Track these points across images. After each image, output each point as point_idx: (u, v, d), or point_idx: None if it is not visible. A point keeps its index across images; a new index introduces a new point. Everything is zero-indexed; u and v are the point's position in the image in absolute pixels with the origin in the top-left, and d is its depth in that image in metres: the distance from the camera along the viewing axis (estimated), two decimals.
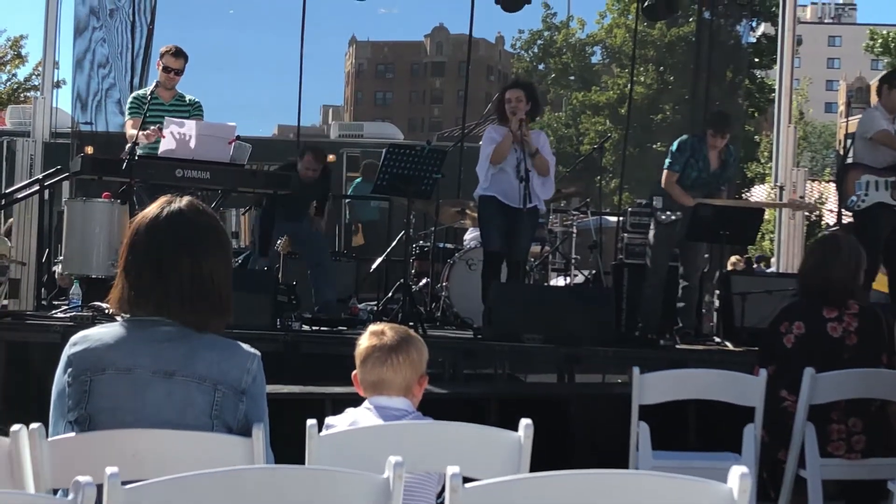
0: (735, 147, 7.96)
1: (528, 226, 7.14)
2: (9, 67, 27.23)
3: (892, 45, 30.70)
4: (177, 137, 6.90)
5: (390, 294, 8.61)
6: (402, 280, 7.62)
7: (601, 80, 36.73)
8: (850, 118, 38.24)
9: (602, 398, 6.54)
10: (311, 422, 2.70)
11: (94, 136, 9.36)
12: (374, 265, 9.63)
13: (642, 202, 8.85)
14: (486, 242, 7.49)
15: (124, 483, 2.04)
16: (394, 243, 9.51)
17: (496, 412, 6.01)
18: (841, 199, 7.84)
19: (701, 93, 12.64)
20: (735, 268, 12.69)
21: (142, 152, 7.10)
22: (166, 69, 7.45)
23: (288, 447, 2.71)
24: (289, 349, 6.58)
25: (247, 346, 2.65)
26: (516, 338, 6.75)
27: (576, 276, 9.50)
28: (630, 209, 8.97)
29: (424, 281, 8.84)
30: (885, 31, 32.32)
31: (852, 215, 7.53)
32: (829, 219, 21.63)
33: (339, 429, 2.99)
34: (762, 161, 30.05)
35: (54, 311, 6.97)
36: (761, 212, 8.35)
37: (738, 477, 2.07)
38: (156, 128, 7.08)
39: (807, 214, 9.99)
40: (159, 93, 7.38)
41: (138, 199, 6.79)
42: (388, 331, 3.14)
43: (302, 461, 2.62)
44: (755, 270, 14.50)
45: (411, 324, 6.69)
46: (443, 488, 2.68)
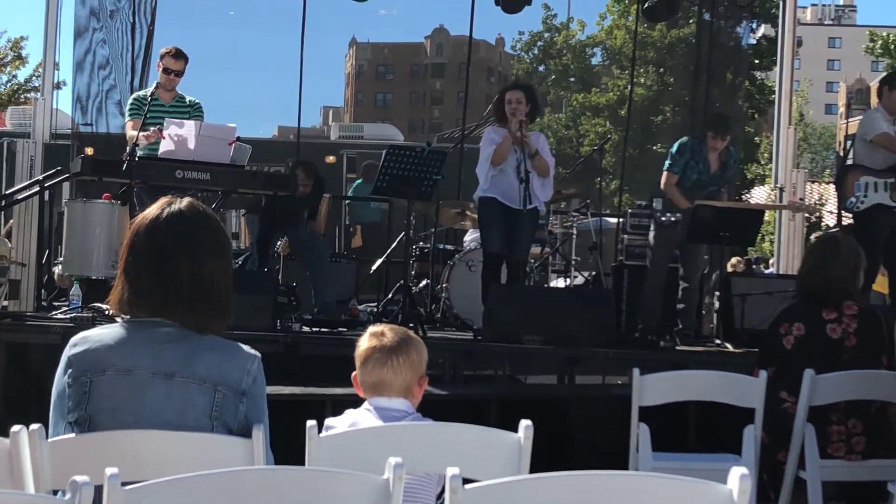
0: (735, 148, 7.96)
1: (528, 227, 7.14)
2: (9, 69, 27.26)
3: (892, 46, 30.70)
4: (177, 138, 6.91)
5: (390, 295, 8.61)
6: (402, 281, 7.62)
7: (601, 81, 36.74)
8: (850, 120, 38.24)
9: (602, 399, 6.54)
10: (311, 423, 2.70)
11: (95, 138, 9.37)
12: (374, 266, 9.62)
13: (642, 204, 8.86)
14: (485, 244, 7.49)
15: (124, 484, 2.04)
16: (394, 244, 9.51)
17: (496, 413, 6.01)
18: (840, 201, 7.84)
19: (701, 94, 12.64)
20: (735, 269, 12.69)
21: (142, 153, 7.10)
22: (166, 70, 7.45)
23: (288, 448, 2.71)
24: (289, 350, 6.58)
25: (247, 348, 2.65)
26: (516, 339, 6.75)
27: (576, 277, 9.50)
28: (630, 210, 8.98)
29: (424, 282, 8.84)
30: (884, 33, 32.32)
31: (852, 217, 7.54)
32: (829, 220, 21.63)
33: (338, 430, 3.00)
34: (762, 162, 30.06)
35: (54, 313, 6.97)
36: (761, 213, 8.36)
37: (738, 478, 2.07)
38: (156, 129, 7.08)
39: (807, 216, 9.99)
40: (159, 94, 7.38)
41: (138, 201, 6.79)
42: (388, 332, 3.14)
43: (302, 462, 2.63)
44: (754, 271, 14.50)
45: (411, 325, 6.69)
46: (443, 489, 2.68)
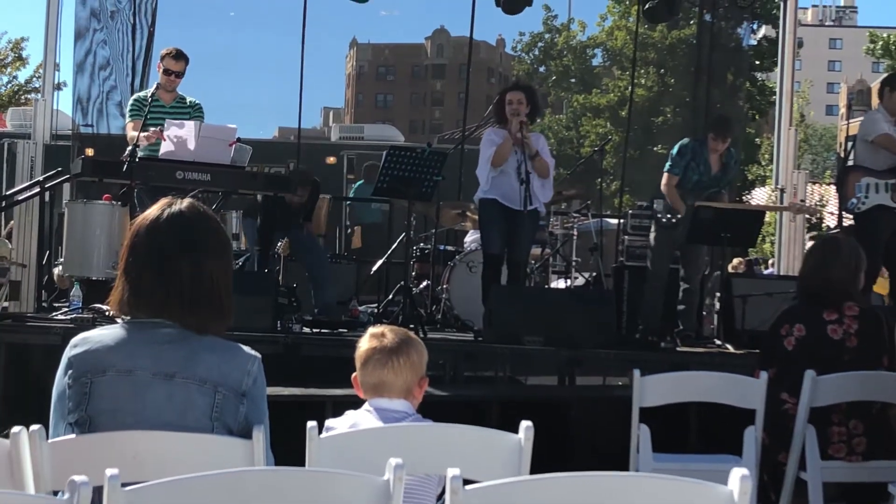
0: (736, 149, 7.96)
1: (528, 228, 7.14)
2: (9, 69, 27.30)
3: (892, 47, 30.68)
4: (177, 139, 6.91)
5: (391, 296, 8.61)
6: (403, 282, 7.62)
7: (602, 82, 36.75)
8: (851, 121, 38.22)
9: (602, 400, 6.54)
10: (312, 424, 2.70)
11: (95, 139, 9.36)
12: (375, 267, 9.62)
13: (643, 205, 8.85)
14: (486, 245, 7.49)
15: (124, 485, 2.04)
16: (394, 245, 9.51)
17: (497, 414, 6.00)
18: (841, 202, 7.84)
19: (702, 95, 12.65)
20: (736, 270, 12.69)
21: (142, 154, 7.10)
22: (167, 71, 7.45)
23: (288, 449, 2.70)
24: (289, 351, 6.58)
25: (247, 349, 2.65)
26: (517, 340, 6.75)
27: (576, 278, 9.49)
28: (631, 211, 8.97)
29: (425, 283, 8.84)
30: (885, 34, 32.31)
31: (853, 218, 7.54)
32: (830, 221, 21.62)
33: (339, 431, 2.99)
34: (763, 163, 30.06)
35: (55, 313, 6.97)
36: (762, 214, 8.35)
37: (739, 479, 2.07)
38: (156, 130, 7.08)
39: (807, 217, 9.98)
40: (160, 95, 7.38)
41: (139, 201, 6.79)
42: (389, 333, 3.14)
43: (302, 463, 2.62)
44: (755, 272, 14.49)
45: (412, 326, 6.69)
46: (443, 490, 2.68)
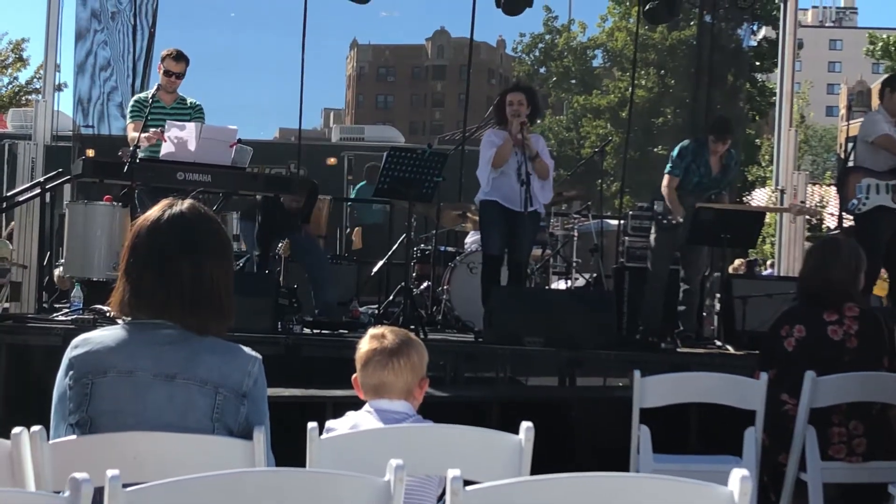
0: (736, 150, 7.97)
1: (529, 229, 7.14)
2: (10, 70, 27.31)
3: (892, 48, 30.68)
4: (178, 140, 6.91)
5: (391, 297, 8.61)
6: (403, 283, 7.62)
7: (602, 83, 36.77)
8: (851, 122, 38.25)
9: (603, 401, 6.54)
10: (312, 425, 2.70)
11: (96, 140, 9.36)
12: (376, 268, 9.62)
13: (643, 206, 8.86)
14: (485, 246, 7.49)
15: (125, 485, 2.04)
16: (395, 246, 9.51)
17: (497, 415, 6.00)
18: (842, 203, 7.84)
19: (702, 96, 12.64)
20: (737, 272, 12.68)
21: (143, 155, 7.11)
22: (167, 73, 7.45)
23: (289, 450, 2.71)
24: (290, 352, 6.58)
25: (248, 350, 2.65)
26: (517, 341, 6.75)
27: (577, 279, 9.50)
28: (631, 213, 8.98)
29: (425, 284, 8.84)
30: (885, 35, 32.32)
31: (853, 219, 7.54)
32: (831, 222, 21.62)
33: (339, 432, 3.00)
34: (763, 164, 30.07)
35: (55, 314, 6.98)
36: (762, 215, 8.35)
37: (739, 480, 2.07)
38: (157, 131, 7.09)
39: (808, 218, 9.98)
40: (160, 96, 7.38)
41: (139, 202, 6.80)
42: (389, 334, 3.14)
43: (303, 464, 2.63)
44: (755, 273, 14.48)
45: (412, 327, 6.70)
46: (443, 491, 2.68)
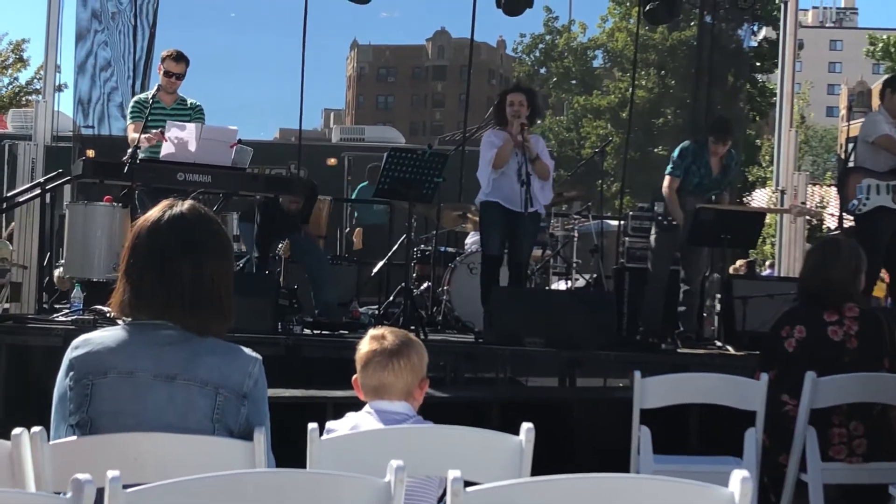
0: (736, 151, 7.97)
1: (529, 229, 7.15)
2: (10, 71, 27.30)
3: (892, 49, 30.69)
4: (178, 141, 6.91)
5: (391, 298, 8.61)
6: (404, 284, 7.62)
7: (603, 84, 36.79)
8: (852, 122, 38.24)
9: (603, 402, 6.53)
10: (313, 426, 2.70)
11: (96, 140, 9.37)
12: (376, 269, 9.62)
13: (643, 206, 8.86)
14: (485, 247, 7.49)
15: (126, 486, 2.04)
16: (395, 247, 9.51)
17: (497, 416, 6.00)
18: (842, 203, 7.84)
19: (702, 97, 12.65)
20: (738, 272, 12.69)
21: (143, 156, 7.11)
22: (167, 73, 7.45)
23: (289, 451, 2.71)
24: (290, 353, 6.58)
25: (248, 350, 2.65)
26: (517, 341, 6.75)
27: (577, 279, 9.50)
28: (631, 213, 8.98)
29: (426, 285, 8.84)
30: (884, 36, 32.32)
31: (853, 219, 7.55)
32: (831, 223, 21.63)
33: (340, 433, 2.99)
34: (763, 165, 30.07)
35: (56, 315, 6.97)
36: (762, 215, 8.36)
37: (740, 481, 2.07)
38: (157, 131, 7.09)
39: (808, 219, 9.98)
40: (161, 97, 7.38)
41: (140, 203, 6.80)
42: (389, 335, 3.14)
43: (303, 465, 2.62)
44: (756, 274, 14.49)
45: (412, 327, 6.70)
46: (444, 492, 2.68)
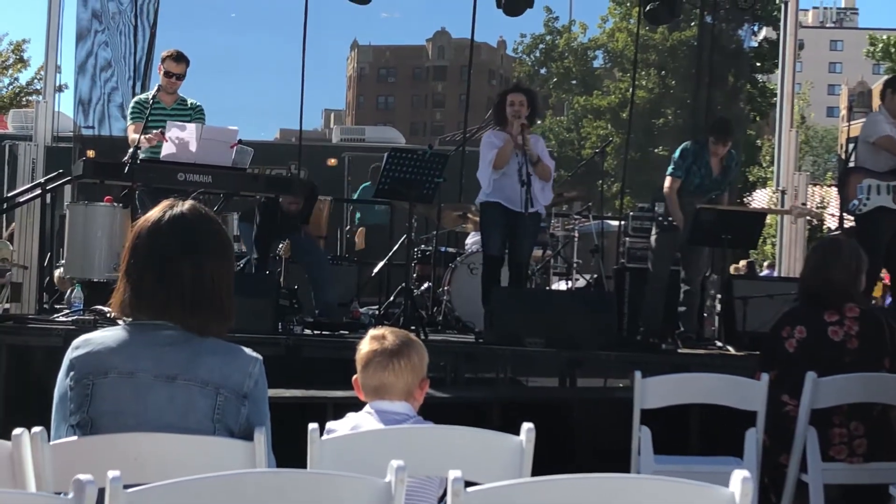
0: (736, 151, 7.97)
1: (530, 229, 7.15)
2: (11, 71, 27.30)
3: (892, 49, 30.69)
4: (178, 141, 6.91)
5: (392, 298, 8.61)
6: (404, 284, 7.62)
7: (603, 84, 36.82)
8: (852, 122, 38.24)
9: (604, 402, 6.53)
10: (313, 426, 2.70)
11: (96, 140, 9.37)
12: (376, 269, 9.62)
13: (644, 206, 8.86)
14: (486, 247, 7.49)
15: (126, 487, 2.04)
16: (395, 247, 9.52)
17: (498, 416, 6.00)
18: (843, 203, 7.84)
19: (703, 97, 12.67)
20: (738, 272, 12.69)
21: (144, 156, 7.11)
22: (168, 74, 7.45)
23: (290, 451, 2.71)
24: (290, 353, 6.58)
25: (249, 350, 2.65)
26: (518, 342, 6.75)
27: (577, 280, 9.50)
28: (632, 213, 8.98)
29: (426, 285, 8.84)
30: (884, 36, 32.31)
31: (854, 219, 7.55)
32: (832, 223, 21.62)
33: (340, 433, 2.99)
34: (764, 165, 30.09)
35: (56, 315, 6.97)
36: (763, 216, 8.36)
37: (740, 481, 2.07)
38: (158, 132, 7.09)
39: (809, 219, 9.98)
40: (161, 97, 7.38)
41: (140, 203, 6.80)
42: (389, 335, 3.14)
43: (303, 465, 2.62)
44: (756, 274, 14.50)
45: (412, 328, 6.70)
46: (444, 492, 2.68)
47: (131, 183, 6.84)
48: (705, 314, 8.23)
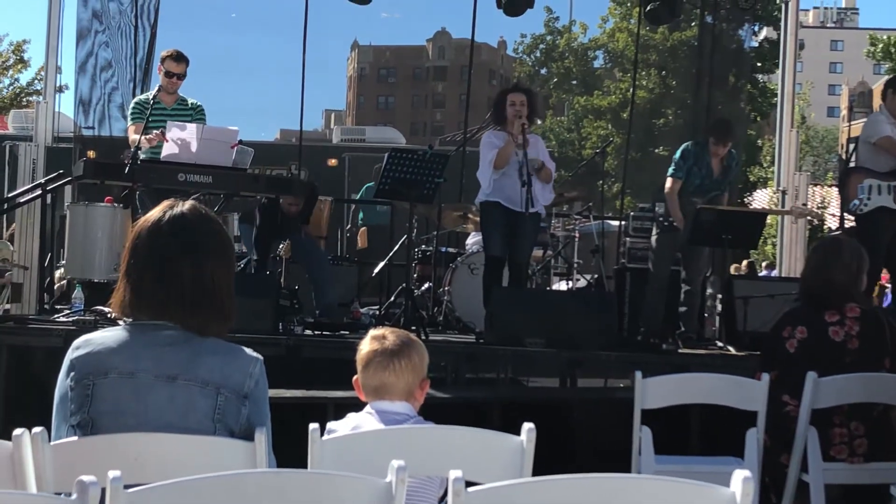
0: (737, 151, 7.97)
1: (531, 229, 7.15)
2: (11, 72, 27.31)
3: (892, 49, 30.68)
4: (179, 142, 6.92)
5: (392, 298, 8.60)
6: (404, 284, 7.62)
7: (603, 84, 36.82)
8: (853, 122, 38.25)
9: (604, 402, 6.53)
10: (314, 426, 2.70)
11: (97, 141, 9.37)
12: (377, 269, 9.62)
13: (644, 206, 8.86)
14: (487, 247, 7.49)
15: (127, 487, 2.04)
16: (396, 247, 9.51)
17: (498, 416, 6.00)
18: (843, 203, 7.84)
19: (703, 97, 12.66)
20: (739, 272, 12.69)
21: (144, 156, 7.11)
22: (168, 74, 7.45)
23: (290, 452, 2.71)
24: (291, 353, 6.58)
25: (249, 351, 2.65)
26: (518, 342, 6.75)
27: (578, 280, 9.50)
28: (632, 213, 8.98)
29: (427, 285, 8.84)
30: (885, 36, 32.30)
31: (855, 219, 7.54)
32: (832, 223, 21.62)
33: (340, 433, 2.99)
34: (764, 165, 30.09)
35: (57, 316, 6.97)
36: (763, 216, 8.36)
37: (741, 481, 2.07)
38: (158, 132, 7.09)
39: (809, 219, 9.98)
40: (161, 97, 7.38)
41: (140, 204, 6.80)
42: (390, 335, 3.14)
43: (304, 465, 2.62)
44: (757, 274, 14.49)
45: (413, 328, 6.70)
46: (445, 492, 2.68)
47: (132, 183, 6.84)
48: (706, 314, 8.23)
